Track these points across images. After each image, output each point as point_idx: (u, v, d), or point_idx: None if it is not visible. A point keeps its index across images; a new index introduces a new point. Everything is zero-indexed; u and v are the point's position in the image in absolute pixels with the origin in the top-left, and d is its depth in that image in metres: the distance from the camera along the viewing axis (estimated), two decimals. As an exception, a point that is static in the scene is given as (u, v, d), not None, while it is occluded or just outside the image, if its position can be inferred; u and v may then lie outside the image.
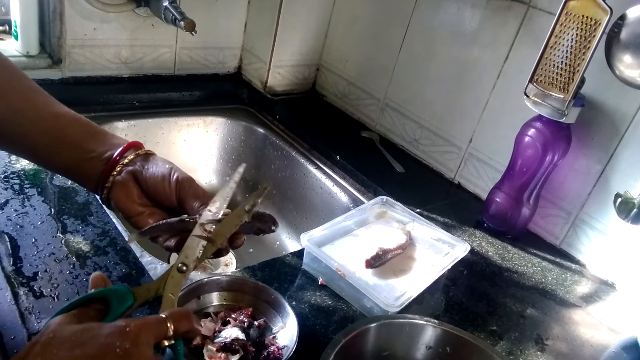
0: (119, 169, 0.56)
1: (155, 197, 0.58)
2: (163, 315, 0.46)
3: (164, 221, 0.56)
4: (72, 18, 1.12)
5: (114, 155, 0.57)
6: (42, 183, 0.81)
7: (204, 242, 0.54)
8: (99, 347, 0.40)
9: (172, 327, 0.46)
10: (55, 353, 0.40)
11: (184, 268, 0.53)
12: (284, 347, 0.61)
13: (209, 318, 0.63)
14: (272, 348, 0.61)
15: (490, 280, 0.87)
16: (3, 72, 0.55)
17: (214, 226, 0.55)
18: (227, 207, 0.58)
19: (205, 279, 0.66)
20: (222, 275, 0.70)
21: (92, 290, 0.49)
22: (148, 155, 0.59)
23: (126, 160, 0.57)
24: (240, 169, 0.59)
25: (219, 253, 0.57)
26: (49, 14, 1.13)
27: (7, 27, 1.17)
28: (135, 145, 0.59)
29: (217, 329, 0.61)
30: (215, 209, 0.56)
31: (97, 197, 0.59)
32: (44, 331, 0.42)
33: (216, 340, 0.59)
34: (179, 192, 0.57)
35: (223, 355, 0.58)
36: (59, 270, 0.65)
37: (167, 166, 0.58)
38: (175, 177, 0.57)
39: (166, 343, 0.46)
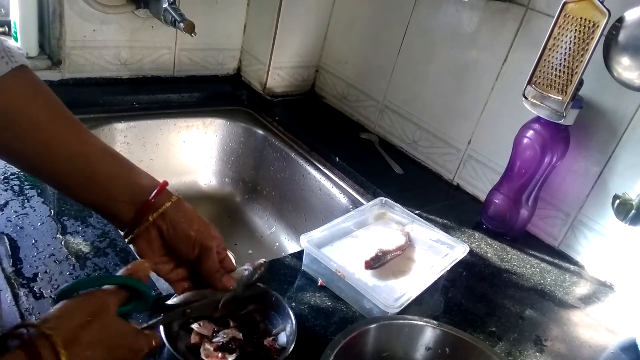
0: (150, 220, 0.57)
1: (176, 252, 0.60)
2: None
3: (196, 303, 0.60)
4: (72, 19, 1.12)
5: (145, 203, 0.57)
6: (42, 184, 0.81)
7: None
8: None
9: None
10: (91, 344, 0.44)
11: (187, 312, 0.58)
12: (282, 348, 0.61)
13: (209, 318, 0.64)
14: (269, 349, 0.61)
15: (489, 281, 0.87)
16: (38, 100, 0.54)
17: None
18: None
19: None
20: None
21: (128, 274, 0.50)
22: (177, 207, 0.59)
23: (155, 215, 0.57)
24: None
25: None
26: (48, 15, 1.13)
27: (7, 29, 1.17)
28: (163, 187, 0.59)
29: (215, 328, 0.62)
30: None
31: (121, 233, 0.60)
32: (92, 298, 0.47)
33: (214, 340, 0.60)
34: (199, 254, 0.59)
35: (220, 354, 0.58)
36: (59, 271, 0.66)
37: (194, 227, 0.59)
38: (200, 241, 0.59)
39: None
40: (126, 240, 0.58)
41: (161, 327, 0.57)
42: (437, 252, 0.87)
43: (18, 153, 0.53)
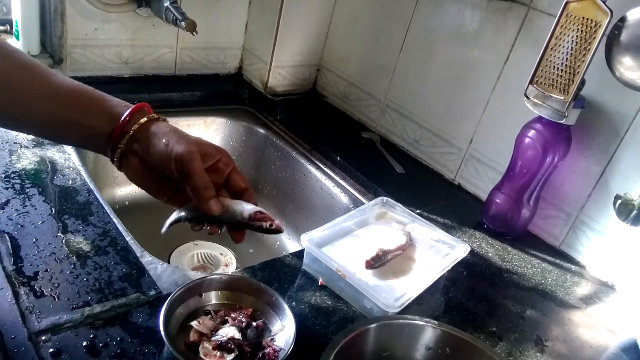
0: (121, 147, 0.56)
1: (162, 173, 0.58)
2: None
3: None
4: (73, 18, 1.12)
5: (115, 129, 0.56)
6: (43, 183, 0.81)
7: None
8: None
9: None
10: None
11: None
12: (280, 349, 0.61)
13: (209, 316, 0.64)
14: (268, 349, 0.61)
15: (490, 281, 0.87)
16: None
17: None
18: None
19: (207, 277, 0.66)
20: (223, 274, 0.70)
21: None
22: (148, 127, 0.57)
23: (124, 140, 0.56)
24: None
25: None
26: (50, 13, 1.13)
27: (8, 27, 1.17)
28: (135, 111, 0.57)
29: (215, 327, 0.62)
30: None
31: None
32: None
33: (213, 338, 0.60)
34: (180, 170, 0.56)
35: (218, 353, 0.58)
36: (59, 269, 0.66)
37: (164, 141, 0.56)
38: (173, 155, 0.55)
39: None
40: (118, 168, 0.58)
41: (160, 324, 0.57)
42: (437, 252, 0.86)
43: None
